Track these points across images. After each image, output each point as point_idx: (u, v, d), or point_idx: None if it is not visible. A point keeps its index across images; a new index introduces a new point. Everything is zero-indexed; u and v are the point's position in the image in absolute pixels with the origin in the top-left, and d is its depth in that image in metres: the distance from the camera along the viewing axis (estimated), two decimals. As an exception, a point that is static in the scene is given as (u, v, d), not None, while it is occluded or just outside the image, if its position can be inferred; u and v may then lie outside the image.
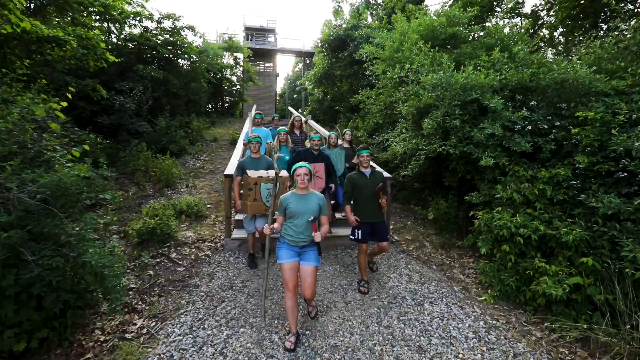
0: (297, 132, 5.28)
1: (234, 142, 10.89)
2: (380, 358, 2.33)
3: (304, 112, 18.75)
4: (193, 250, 4.21)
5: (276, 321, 2.77)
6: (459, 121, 3.86)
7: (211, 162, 9.23)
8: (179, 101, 11.35)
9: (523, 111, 3.67)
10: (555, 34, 12.17)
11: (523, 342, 2.56)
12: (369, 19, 19.56)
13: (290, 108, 17.31)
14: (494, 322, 2.84)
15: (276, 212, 2.57)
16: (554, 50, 11.90)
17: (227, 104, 18.23)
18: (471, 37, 6.10)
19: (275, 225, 2.49)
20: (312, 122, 10.57)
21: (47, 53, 6.08)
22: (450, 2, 13.37)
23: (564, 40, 11.64)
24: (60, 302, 2.14)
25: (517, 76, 3.93)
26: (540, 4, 12.31)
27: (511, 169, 3.67)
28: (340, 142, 4.86)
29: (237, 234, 4.33)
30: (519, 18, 13.73)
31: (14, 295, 2.00)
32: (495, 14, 12.96)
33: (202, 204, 5.43)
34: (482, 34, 6.71)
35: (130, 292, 3.14)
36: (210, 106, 16.87)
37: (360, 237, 3.35)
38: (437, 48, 5.70)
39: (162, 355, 2.30)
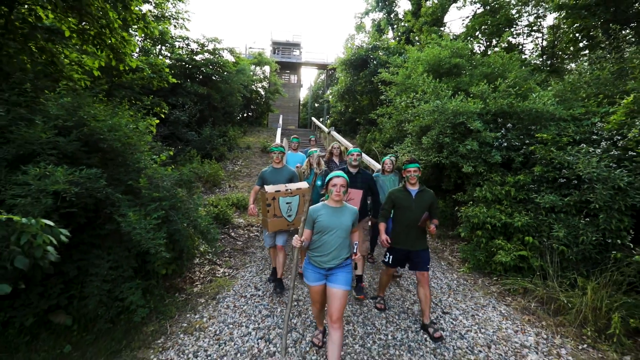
0: (337, 160, 4.77)
1: (264, 150, 12.40)
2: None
3: (327, 123, 20.15)
4: (245, 231, 5.60)
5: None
6: (450, 138, 5.07)
7: (247, 167, 10.68)
8: (218, 113, 13.01)
9: (496, 133, 4.83)
10: (580, 45, 11.88)
11: (480, 292, 3.73)
12: (390, 33, 20.89)
13: (313, 119, 18.75)
14: (464, 282, 4.01)
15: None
16: (576, 64, 11.81)
17: (255, 114, 19.95)
18: (471, 66, 7.26)
19: (304, 239, 2.26)
20: (334, 134, 11.92)
21: (124, 77, 7.69)
22: (469, 17, 14.46)
23: (590, 51, 11.29)
24: (186, 247, 3.54)
25: (496, 105, 5.10)
26: (560, 18, 12.17)
27: (488, 176, 4.83)
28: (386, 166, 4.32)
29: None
30: (539, 34, 14.36)
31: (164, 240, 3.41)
32: (512, 30, 13.67)
33: (247, 199, 6.85)
34: (483, 59, 7.88)
35: (209, 254, 4.55)
36: (240, 116, 18.62)
37: (390, 262, 2.98)
38: (441, 77, 6.93)
39: (242, 284, 3.66)
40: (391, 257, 2.98)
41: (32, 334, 2.49)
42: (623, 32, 7.81)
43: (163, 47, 11.68)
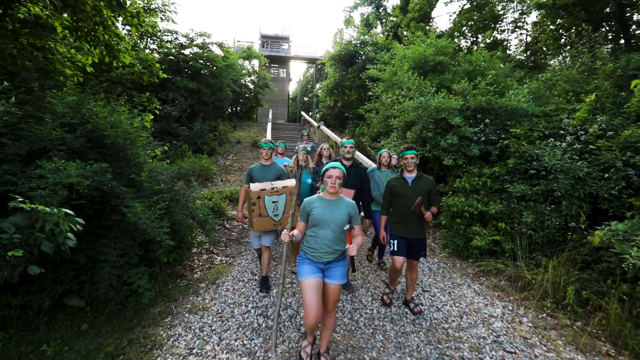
0: (326, 161, 4.39)
1: (255, 144, 12.56)
2: (370, 273, 3.92)
3: (316, 117, 20.31)
4: (239, 223, 5.84)
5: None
6: (432, 133, 5.41)
7: (238, 161, 10.83)
8: (208, 108, 13.06)
9: (475, 128, 5.19)
10: (561, 42, 11.72)
11: (458, 273, 4.10)
12: (379, 28, 21.10)
13: (303, 113, 18.89)
14: (444, 265, 4.38)
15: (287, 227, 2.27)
16: (558, 59, 12.07)
17: (245, 109, 19.94)
18: (455, 63, 7.61)
19: (295, 232, 2.18)
20: (324, 128, 12.15)
21: (113, 72, 7.67)
22: (456, 13, 14.81)
23: (570, 48, 11.34)
24: (186, 236, 3.77)
25: (475, 101, 5.45)
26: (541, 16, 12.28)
27: (467, 168, 5.19)
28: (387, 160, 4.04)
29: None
30: (523, 30, 14.73)
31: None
32: (497, 26, 14.03)
33: (240, 193, 7.07)
34: (466, 56, 8.25)
35: (206, 244, 4.79)
36: (230, 110, 18.61)
37: (395, 249, 2.89)
38: (426, 74, 7.26)
39: (239, 270, 3.93)
40: (395, 242, 2.88)
41: (49, 316, 2.71)
42: (596, 32, 8.28)
43: (150, 40, 11.60)
